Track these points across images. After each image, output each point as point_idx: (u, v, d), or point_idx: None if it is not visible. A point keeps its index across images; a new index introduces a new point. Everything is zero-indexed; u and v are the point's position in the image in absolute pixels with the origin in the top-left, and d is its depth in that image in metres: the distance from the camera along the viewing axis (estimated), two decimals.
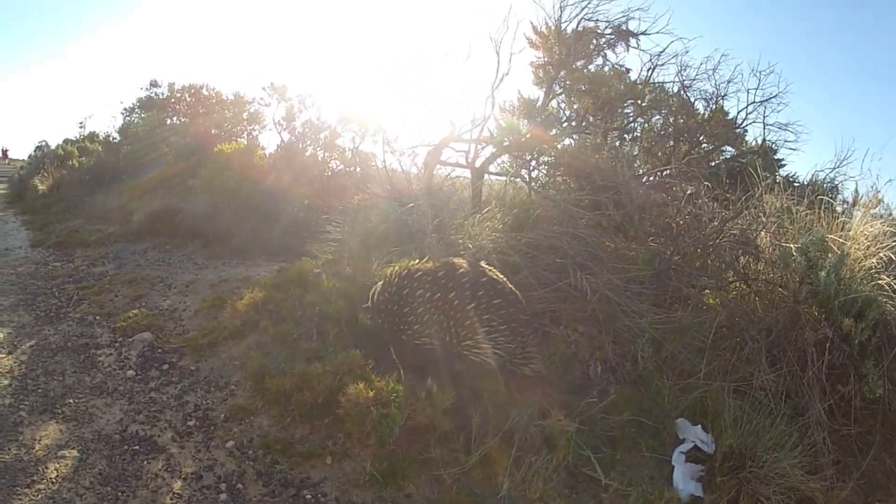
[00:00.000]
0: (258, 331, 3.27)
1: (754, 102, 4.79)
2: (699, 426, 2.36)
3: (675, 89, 4.94)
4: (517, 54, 4.25)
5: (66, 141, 14.18)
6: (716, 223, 3.38)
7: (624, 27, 4.63)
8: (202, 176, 6.68)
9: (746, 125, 4.96)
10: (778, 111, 4.80)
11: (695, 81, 4.85)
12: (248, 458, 2.47)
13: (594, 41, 4.71)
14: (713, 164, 4.97)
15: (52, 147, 14.98)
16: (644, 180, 4.00)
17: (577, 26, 4.60)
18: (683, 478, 2.27)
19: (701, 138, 4.94)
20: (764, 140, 4.98)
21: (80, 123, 14.70)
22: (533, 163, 4.32)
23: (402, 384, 2.49)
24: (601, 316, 2.81)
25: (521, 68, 5.13)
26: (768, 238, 3.25)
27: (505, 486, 2.23)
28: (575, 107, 5.06)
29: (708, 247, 3.34)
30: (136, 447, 2.53)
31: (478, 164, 4.26)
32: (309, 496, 2.28)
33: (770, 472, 2.28)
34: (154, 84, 10.45)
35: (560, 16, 4.55)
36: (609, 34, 4.70)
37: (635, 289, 2.99)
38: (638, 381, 2.72)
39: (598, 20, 4.60)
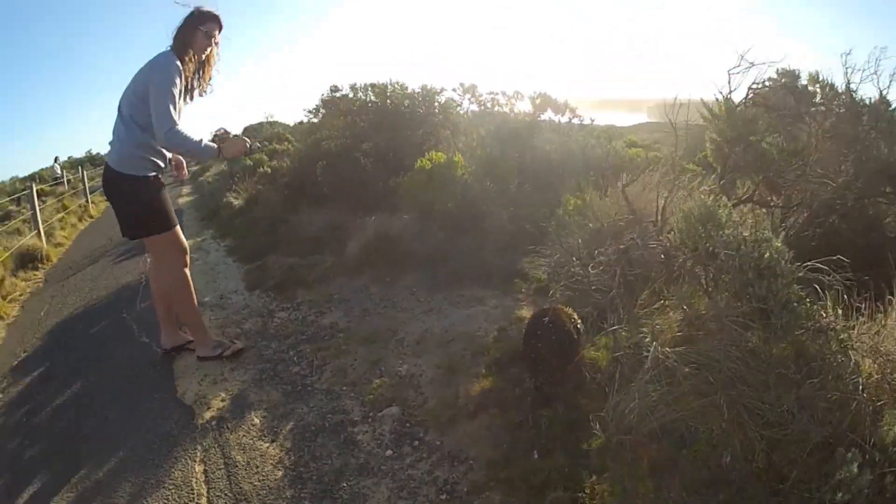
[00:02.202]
0: (488, 414, 3.80)
1: None
2: None
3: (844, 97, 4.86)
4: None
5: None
6: None
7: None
8: (406, 193, 7.32)
9: None
10: None
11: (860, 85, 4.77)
12: None
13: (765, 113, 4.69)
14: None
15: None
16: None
17: (747, 97, 4.65)
18: None
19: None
20: None
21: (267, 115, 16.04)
22: None
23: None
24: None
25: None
26: None
27: None
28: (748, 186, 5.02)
29: None
30: None
31: None
32: None
33: None
34: (335, 89, 11.28)
35: (730, 88, 4.52)
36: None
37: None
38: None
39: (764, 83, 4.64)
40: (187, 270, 4.96)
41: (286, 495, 3.47)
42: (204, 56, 4.68)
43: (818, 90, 5.03)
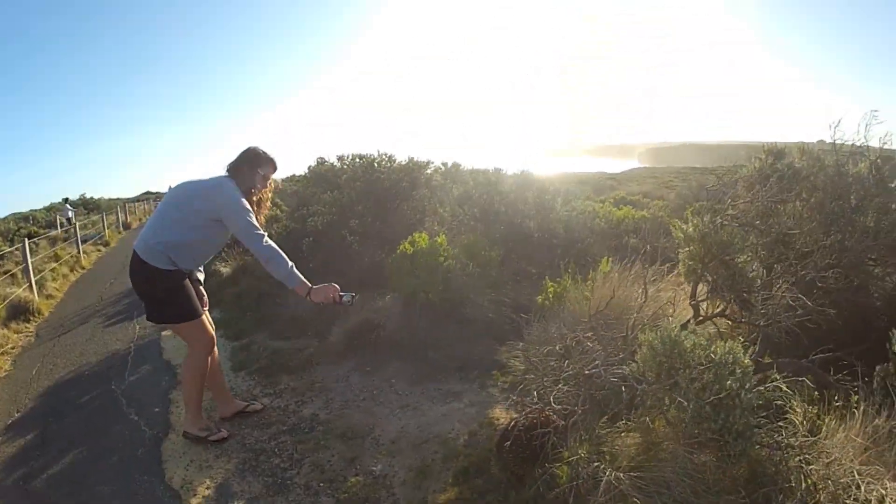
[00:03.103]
0: None
1: None
2: None
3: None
4: None
5: None
6: None
7: None
8: (390, 275, 7.73)
9: None
10: None
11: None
12: None
13: None
14: None
15: None
16: None
17: (724, 213, 4.89)
18: None
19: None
20: None
21: None
22: None
23: None
24: None
25: None
26: None
27: None
28: None
29: None
30: None
31: None
32: None
33: None
34: (321, 161, 11.78)
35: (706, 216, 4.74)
36: None
37: None
38: None
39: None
40: (210, 358, 5.49)
41: None
42: (257, 197, 5.30)
43: (804, 164, 5.28)
